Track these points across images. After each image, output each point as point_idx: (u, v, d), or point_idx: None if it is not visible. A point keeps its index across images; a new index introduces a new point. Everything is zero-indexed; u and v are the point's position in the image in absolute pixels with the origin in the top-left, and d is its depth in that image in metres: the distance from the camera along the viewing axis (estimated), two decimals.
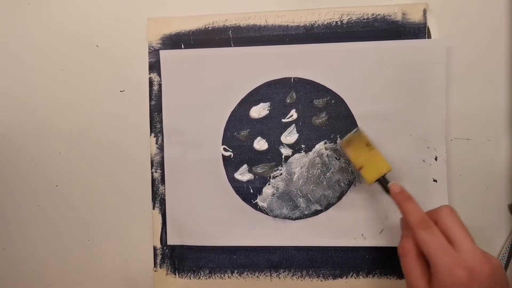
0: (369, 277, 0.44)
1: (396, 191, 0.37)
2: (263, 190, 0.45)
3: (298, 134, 0.45)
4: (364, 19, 0.45)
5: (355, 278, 0.45)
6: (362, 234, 0.44)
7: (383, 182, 0.39)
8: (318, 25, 0.45)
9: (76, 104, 0.48)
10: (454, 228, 0.34)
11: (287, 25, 0.45)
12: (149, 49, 0.47)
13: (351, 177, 0.44)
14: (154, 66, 0.47)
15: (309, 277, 0.45)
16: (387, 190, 0.39)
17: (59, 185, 0.48)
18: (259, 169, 0.45)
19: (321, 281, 0.45)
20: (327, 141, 0.45)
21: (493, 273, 0.32)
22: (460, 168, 0.44)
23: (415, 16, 0.44)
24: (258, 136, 0.45)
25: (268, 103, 0.45)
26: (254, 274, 0.46)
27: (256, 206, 0.45)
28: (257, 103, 0.45)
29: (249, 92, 0.45)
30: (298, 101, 0.45)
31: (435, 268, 0.32)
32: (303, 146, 0.45)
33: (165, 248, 0.47)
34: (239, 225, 0.45)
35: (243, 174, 0.45)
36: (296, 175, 0.45)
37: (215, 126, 0.46)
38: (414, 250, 0.34)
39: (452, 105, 0.44)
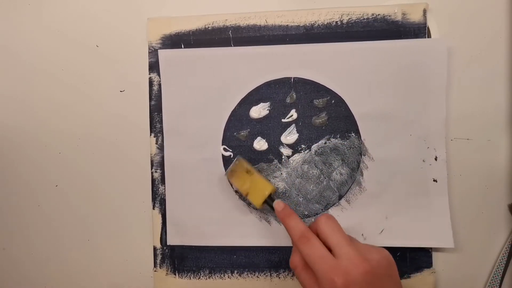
0: None
1: (279, 209, 0.39)
2: None
3: (298, 134, 0.45)
4: (364, 19, 0.45)
5: None
6: (362, 234, 0.44)
7: (269, 202, 0.40)
8: (318, 25, 0.45)
9: (76, 104, 0.48)
10: (331, 235, 0.35)
11: (287, 25, 0.45)
12: (149, 49, 0.47)
13: (351, 177, 0.44)
14: (154, 66, 0.47)
15: None
16: (273, 209, 0.40)
17: (59, 185, 0.48)
18: (259, 169, 0.45)
19: None
20: (327, 141, 0.45)
21: (370, 271, 0.33)
22: (460, 168, 0.44)
23: (415, 16, 0.44)
24: (258, 136, 0.45)
25: (268, 103, 0.45)
26: (254, 274, 0.46)
27: None
28: (257, 103, 0.45)
29: (249, 92, 0.45)
30: (298, 101, 0.45)
31: (318, 277, 0.34)
32: (303, 146, 0.45)
33: (165, 248, 0.46)
34: (239, 225, 0.45)
35: None
36: (296, 175, 0.45)
37: (215, 126, 0.46)
38: (301, 262, 0.36)
39: (452, 105, 0.44)
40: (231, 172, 0.43)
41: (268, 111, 0.45)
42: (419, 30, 0.44)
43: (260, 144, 0.45)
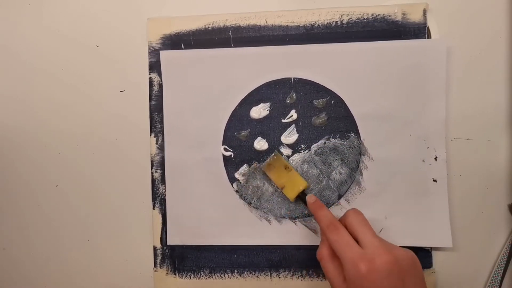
0: None
1: (311, 201, 0.41)
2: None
3: (298, 134, 0.45)
4: (364, 19, 0.45)
5: None
6: None
7: (302, 196, 0.42)
8: (318, 25, 0.45)
9: (76, 104, 0.48)
10: (358, 227, 0.36)
11: (287, 25, 0.45)
12: (149, 49, 0.47)
13: (351, 177, 0.44)
14: (154, 66, 0.47)
15: (309, 277, 0.45)
16: (305, 203, 0.41)
17: (59, 185, 0.48)
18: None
19: (321, 280, 0.45)
20: (326, 141, 0.45)
21: (394, 261, 0.34)
22: (460, 168, 0.44)
23: (415, 16, 0.44)
24: (259, 136, 0.45)
25: (268, 103, 0.45)
26: (254, 274, 0.46)
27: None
28: (257, 104, 0.45)
29: (249, 93, 0.45)
30: (298, 102, 0.45)
31: (344, 264, 0.35)
32: (303, 146, 0.45)
33: (165, 248, 0.47)
34: (239, 225, 0.45)
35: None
36: None
37: (216, 126, 0.46)
38: (328, 252, 0.37)
39: (452, 105, 0.44)
40: (268, 166, 0.44)
41: (268, 112, 0.45)
42: (419, 30, 0.44)
43: (261, 144, 0.45)
